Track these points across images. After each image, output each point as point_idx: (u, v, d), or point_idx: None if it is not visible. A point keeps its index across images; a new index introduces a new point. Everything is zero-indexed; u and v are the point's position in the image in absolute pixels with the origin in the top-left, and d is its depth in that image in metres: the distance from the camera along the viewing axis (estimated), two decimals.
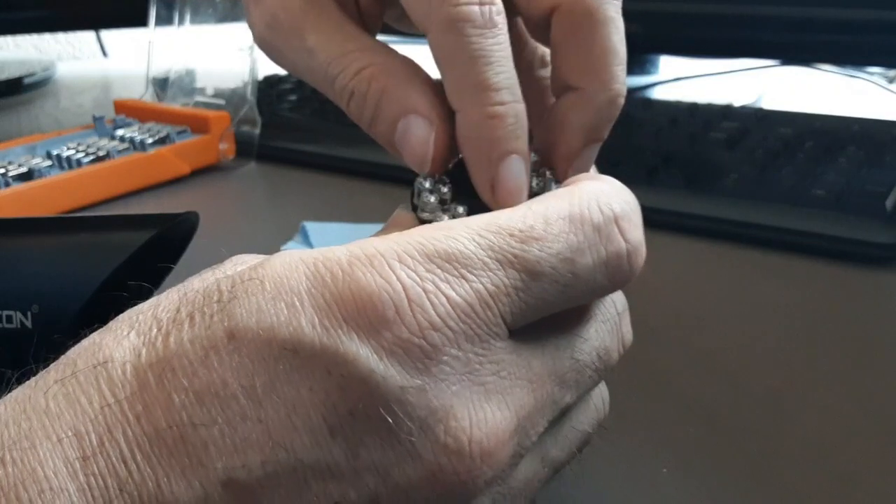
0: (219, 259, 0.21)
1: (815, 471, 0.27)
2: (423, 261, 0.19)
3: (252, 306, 0.18)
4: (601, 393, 0.24)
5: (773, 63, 0.80)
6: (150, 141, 0.59)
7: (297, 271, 0.18)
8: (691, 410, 0.31)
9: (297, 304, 0.18)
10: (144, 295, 0.36)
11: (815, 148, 0.52)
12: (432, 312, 0.18)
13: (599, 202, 0.21)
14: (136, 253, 0.32)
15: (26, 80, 0.92)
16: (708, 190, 0.49)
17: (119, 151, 0.58)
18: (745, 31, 0.68)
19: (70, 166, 0.56)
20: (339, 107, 0.27)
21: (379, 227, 0.53)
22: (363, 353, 0.18)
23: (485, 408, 0.19)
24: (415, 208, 0.27)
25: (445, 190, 0.27)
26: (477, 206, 0.26)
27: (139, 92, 0.71)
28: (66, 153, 0.56)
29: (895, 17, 0.60)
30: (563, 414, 0.22)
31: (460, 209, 0.26)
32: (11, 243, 0.32)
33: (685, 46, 0.76)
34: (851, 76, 0.79)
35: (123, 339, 0.18)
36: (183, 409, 0.17)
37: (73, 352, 0.19)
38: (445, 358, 0.18)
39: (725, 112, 0.59)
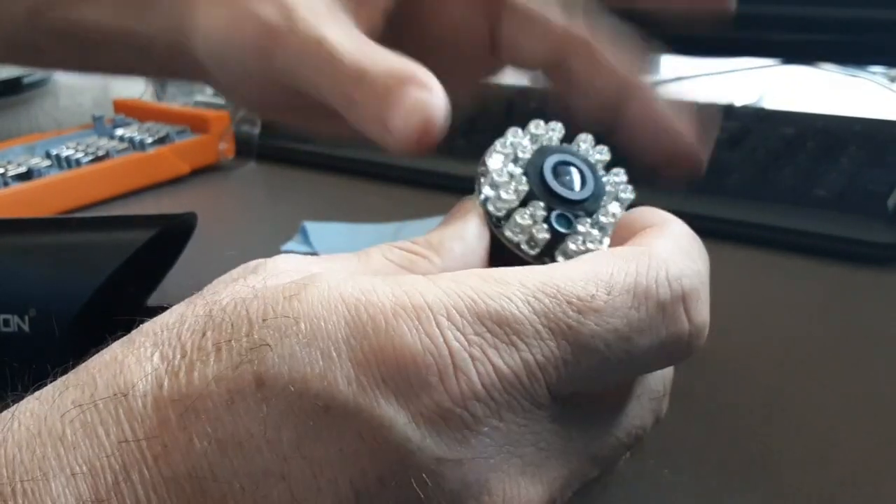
0: (219, 260, 0.21)
1: (815, 471, 0.27)
2: (473, 321, 0.17)
3: (285, 351, 0.17)
4: None
5: (774, 62, 0.80)
6: (149, 140, 0.59)
7: (337, 313, 0.17)
8: (692, 410, 0.30)
9: (334, 354, 0.17)
10: (142, 296, 0.36)
11: (817, 148, 0.52)
12: (477, 381, 0.17)
13: (669, 275, 0.19)
14: (134, 255, 0.31)
15: (25, 80, 0.92)
16: (709, 190, 0.49)
17: (118, 151, 0.58)
18: (746, 30, 0.68)
19: (69, 166, 0.55)
20: (322, 95, 0.28)
21: (380, 227, 0.53)
22: (400, 419, 0.16)
23: (519, 482, 0.18)
24: (484, 200, 0.26)
25: (523, 187, 0.25)
26: (556, 203, 0.26)
27: (138, 91, 0.71)
28: (65, 153, 0.56)
29: None
30: None
31: (540, 205, 0.25)
32: (8, 245, 0.32)
33: (686, 46, 0.76)
34: (853, 76, 0.79)
35: (145, 362, 0.17)
36: (204, 457, 0.16)
37: (94, 365, 0.18)
38: (486, 429, 0.17)
39: (726, 111, 0.59)
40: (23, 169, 0.53)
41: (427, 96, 0.26)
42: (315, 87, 0.28)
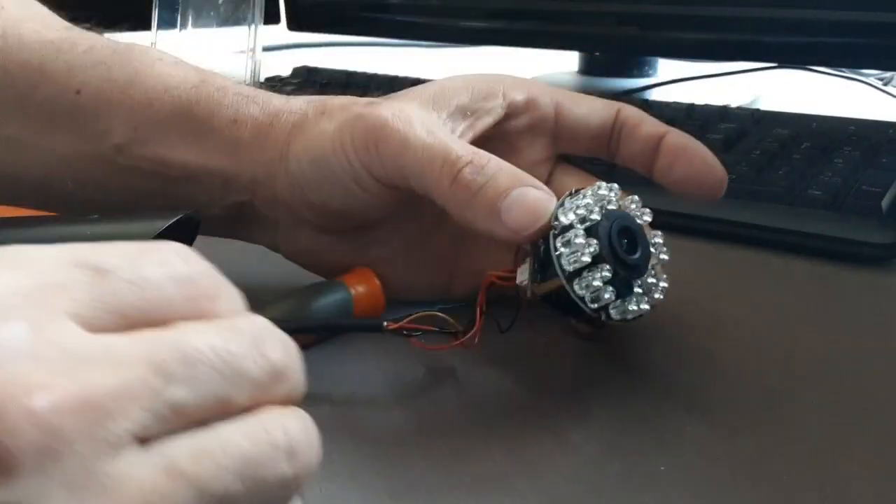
0: (221, 259, 0.21)
1: (813, 470, 0.27)
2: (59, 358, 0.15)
3: None
4: (283, 420, 0.18)
5: (770, 65, 0.80)
6: None
7: None
8: (689, 409, 0.31)
9: None
10: None
11: (812, 149, 0.52)
12: (45, 405, 0.14)
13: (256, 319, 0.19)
14: None
15: None
16: None
17: None
18: (742, 33, 0.68)
19: None
20: (431, 186, 0.31)
21: None
22: None
23: None
24: (558, 256, 0.29)
25: (593, 249, 0.29)
26: (619, 266, 0.29)
27: None
28: None
29: (889, 19, 0.60)
30: (209, 426, 0.17)
31: (607, 268, 0.29)
32: (16, 240, 0.33)
33: (683, 49, 0.76)
34: (847, 78, 0.79)
35: None
36: None
37: None
38: (30, 466, 0.14)
39: (723, 113, 0.60)
40: None
41: (546, 197, 0.30)
42: (419, 174, 0.31)
